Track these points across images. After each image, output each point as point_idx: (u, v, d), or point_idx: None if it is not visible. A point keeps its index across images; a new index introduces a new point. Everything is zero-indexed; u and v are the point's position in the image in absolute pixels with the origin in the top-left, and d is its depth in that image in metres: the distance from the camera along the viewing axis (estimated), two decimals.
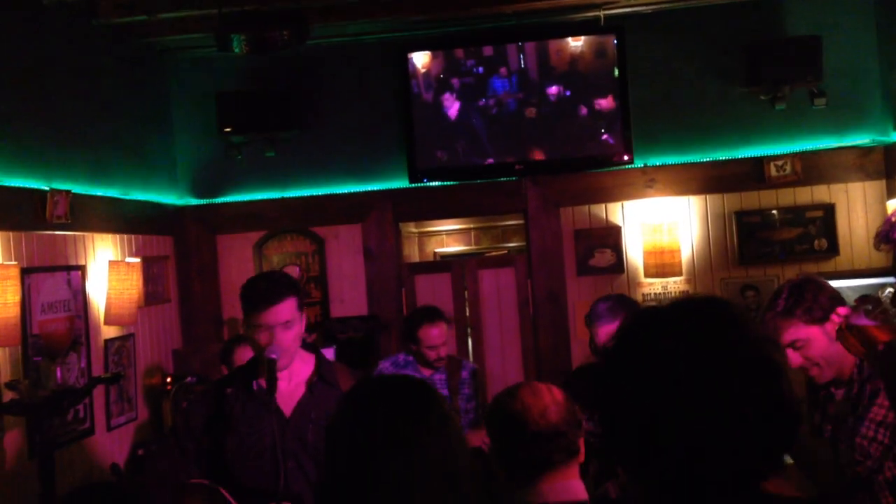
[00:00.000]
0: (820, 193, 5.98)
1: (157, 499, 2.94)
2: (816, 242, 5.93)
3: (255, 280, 3.09)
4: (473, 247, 8.50)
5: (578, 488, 2.17)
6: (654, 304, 1.49)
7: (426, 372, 4.62)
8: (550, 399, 2.22)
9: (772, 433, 1.36)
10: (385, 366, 4.71)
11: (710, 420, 1.33)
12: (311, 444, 2.95)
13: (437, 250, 8.59)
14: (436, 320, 4.60)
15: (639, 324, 1.45)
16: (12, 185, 4.51)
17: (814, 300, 2.76)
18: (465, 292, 6.43)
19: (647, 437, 1.37)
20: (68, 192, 4.76)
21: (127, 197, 5.64)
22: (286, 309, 2.91)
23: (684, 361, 1.36)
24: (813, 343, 2.70)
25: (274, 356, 2.94)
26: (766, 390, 1.36)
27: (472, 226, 8.43)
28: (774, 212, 5.98)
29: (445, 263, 7.23)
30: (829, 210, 5.95)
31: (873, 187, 5.94)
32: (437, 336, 4.56)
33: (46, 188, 4.68)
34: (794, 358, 2.68)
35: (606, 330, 3.50)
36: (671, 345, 1.38)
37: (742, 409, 1.34)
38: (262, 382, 2.96)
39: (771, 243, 5.96)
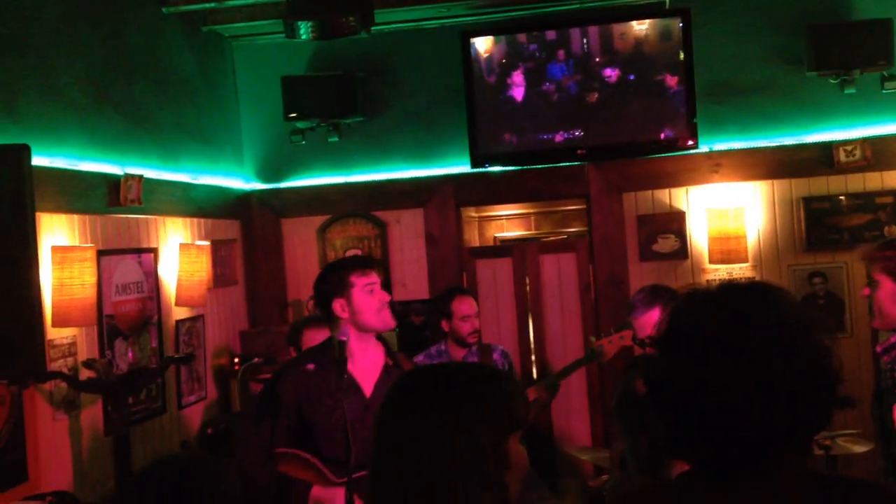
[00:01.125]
0: (890, 179, 5.86)
1: (247, 468, 3.05)
2: (886, 229, 5.80)
3: (343, 258, 3.33)
4: (533, 231, 8.49)
5: None
6: (698, 287, 1.56)
7: (458, 356, 4.74)
8: None
9: (805, 411, 1.43)
10: (419, 360, 4.77)
11: (752, 400, 1.40)
12: None
13: (496, 235, 8.61)
14: (465, 293, 4.93)
15: (683, 310, 1.54)
16: (88, 169, 4.64)
17: None
18: (527, 277, 6.44)
19: (694, 419, 1.44)
20: (141, 176, 4.88)
21: (196, 181, 5.76)
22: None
23: (726, 346, 1.43)
24: (880, 288, 2.96)
25: (344, 338, 3.04)
26: (803, 369, 1.42)
27: (532, 210, 8.43)
28: (843, 198, 5.88)
29: (506, 248, 7.25)
30: None
31: None
32: (468, 307, 4.75)
33: (120, 172, 4.81)
34: (865, 290, 3.04)
35: (641, 322, 3.53)
36: (712, 330, 1.45)
37: (780, 389, 1.40)
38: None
39: (839, 230, 5.85)
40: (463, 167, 6.30)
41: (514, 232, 8.54)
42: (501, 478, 1.57)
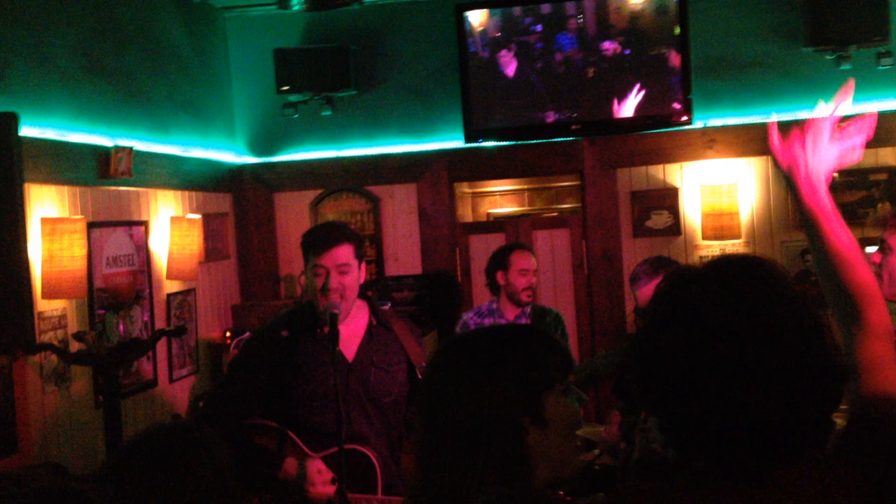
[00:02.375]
0: (885, 156, 5.85)
1: (224, 436, 2.96)
2: (880, 206, 5.80)
3: (316, 226, 3.16)
4: (527, 208, 8.46)
5: None
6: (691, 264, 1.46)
7: (511, 315, 4.59)
8: None
9: (813, 392, 1.32)
10: (469, 316, 4.76)
11: (748, 379, 1.30)
12: (373, 387, 3.04)
13: (489, 211, 8.58)
14: (527, 249, 4.75)
15: (674, 284, 1.44)
16: (78, 140, 4.59)
17: None
18: None
19: (684, 399, 1.33)
20: (131, 148, 4.84)
21: (187, 154, 5.71)
22: (343, 253, 2.98)
23: (719, 319, 1.33)
24: (893, 254, 2.81)
25: (336, 311, 2.98)
26: (803, 348, 1.33)
27: (525, 186, 8.39)
28: (836, 174, 5.82)
29: (499, 224, 7.22)
30: (893, 173, 5.82)
31: None
32: (528, 262, 4.56)
33: (110, 144, 4.76)
34: (875, 255, 2.82)
35: (644, 292, 3.52)
36: (705, 304, 1.35)
37: (780, 367, 1.30)
38: (326, 330, 3.01)
39: None
40: (457, 142, 6.27)
41: (507, 208, 8.51)
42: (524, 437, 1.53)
